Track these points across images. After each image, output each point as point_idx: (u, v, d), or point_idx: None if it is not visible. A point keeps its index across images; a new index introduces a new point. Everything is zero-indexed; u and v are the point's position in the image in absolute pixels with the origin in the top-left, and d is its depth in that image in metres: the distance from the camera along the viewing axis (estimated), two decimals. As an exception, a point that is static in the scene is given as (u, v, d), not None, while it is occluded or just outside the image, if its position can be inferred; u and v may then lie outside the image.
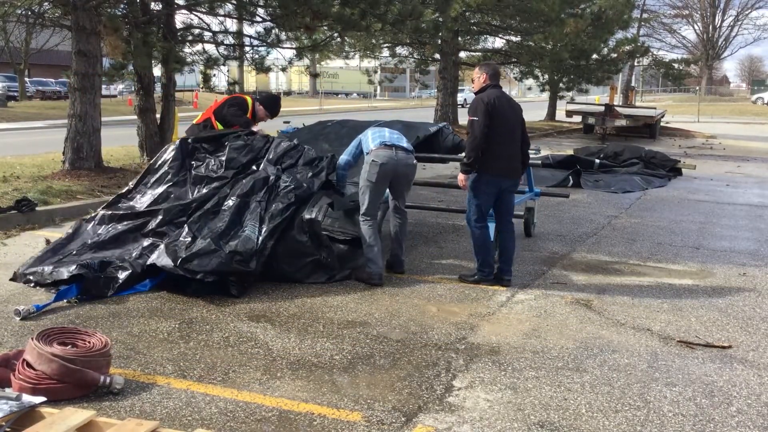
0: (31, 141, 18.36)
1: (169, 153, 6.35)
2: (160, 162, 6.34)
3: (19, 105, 34.50)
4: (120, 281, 5.33)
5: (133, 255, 5.58)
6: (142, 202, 6.08)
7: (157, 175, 6.24)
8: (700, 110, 35.72)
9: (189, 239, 5.45)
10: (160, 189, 6.12)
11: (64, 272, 5.30)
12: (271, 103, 7.28)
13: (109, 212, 6.00)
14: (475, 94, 5.96)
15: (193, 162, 6.30)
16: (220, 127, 6.82)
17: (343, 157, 6.35)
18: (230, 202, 5.81)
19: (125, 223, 5.89)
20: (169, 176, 6.20)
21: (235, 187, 5.97)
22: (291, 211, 5.82)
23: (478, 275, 6.06)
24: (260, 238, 5.57)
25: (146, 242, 5.71)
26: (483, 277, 6.04)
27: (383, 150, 5.92)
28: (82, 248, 5.70)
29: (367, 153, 6.02)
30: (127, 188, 6.33)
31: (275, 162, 6.23)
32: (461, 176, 5.93)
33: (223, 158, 6.24)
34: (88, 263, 5.36)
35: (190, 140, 6.42)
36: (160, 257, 5.36)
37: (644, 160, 14.77)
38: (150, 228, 5.81)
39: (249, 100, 7.12)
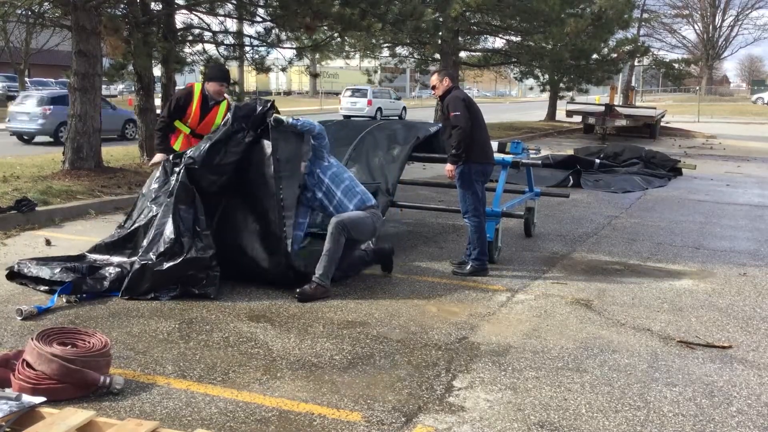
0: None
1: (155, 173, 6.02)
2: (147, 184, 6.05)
3: (19, 105, 34.46)
4: (108, 282, 5.32)
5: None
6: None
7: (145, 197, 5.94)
8: (700, 110, 35.73)
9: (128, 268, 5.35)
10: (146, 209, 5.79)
11: (47, 272, 5.31)
12: (211, 72, 6.80)
13: (105, 243, 5.79)
14: (440, 97, 6.37)
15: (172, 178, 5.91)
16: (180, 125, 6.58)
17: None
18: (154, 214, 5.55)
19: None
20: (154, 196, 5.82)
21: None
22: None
23: (474, 264, 6.21)
24: (175, 230, 5.32)
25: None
26: (479, 266, 6.22)
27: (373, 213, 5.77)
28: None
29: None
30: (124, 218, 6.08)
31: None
32: (450, 167, 6.23)
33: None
34: (76, 267, 5.36)
35: (170, 158, 6.01)
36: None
37: (644, 160, 14.78)
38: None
39: (196, 85, 6.64)
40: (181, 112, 6.55)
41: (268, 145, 5.61)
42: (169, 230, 5.36)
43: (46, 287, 5.29)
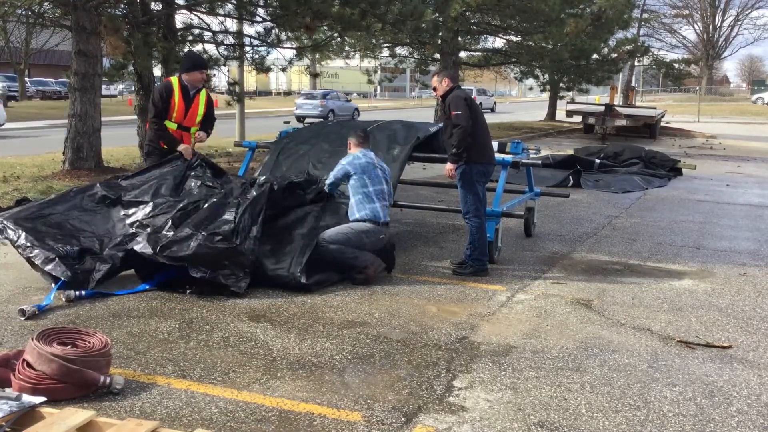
0: (31, 141, 18.38)
1: (176, 161, 6.44)
2: (166, 163, 6.41)
3: (19, 105, 34.54)
4: (99, 276, 5.35)
5: (114, 242, 5.63)
6: (134, 192, 6.10)
7: (158, 173, 6.28)
8: (700, 110, 35.73)
9: (171, 232, 5.49)
10: (155, 185, 6.16)
11: (41, 256, 5.30)
12: (184, 62, 6.80)
13: (103, 192, 6.04)
14: (442, 97, 6.40)
15: (191, 172, 6.35)
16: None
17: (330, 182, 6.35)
18: (213, 200, 5.85)
19: (116, 207, 5.96)
20: (168, 178, 6.22)
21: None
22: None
23: (475, 265, 6.22)
24: (237, 217, 5.55)
25: (130, 230, 5.75)
26: (480, 267, 6.23)
27: (373, 226, 6.01)
28: (67, 210, 5.77)
29: (363, 219, 6.04)
30: (128, 173, 6.43)
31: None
32: (450, 166, 6.21)
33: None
34: (67, 252, 5.37)
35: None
36: (141, 245, 5.44)
37: (644, 160, 14.78)
38: (136, 219, 5.84)
39: (173, 79, 6.68)
40: (165, 109, 6.54)
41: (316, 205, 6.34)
42: (230, 216, 5.55)
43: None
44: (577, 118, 25.37)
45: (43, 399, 3.33)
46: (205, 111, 6.73)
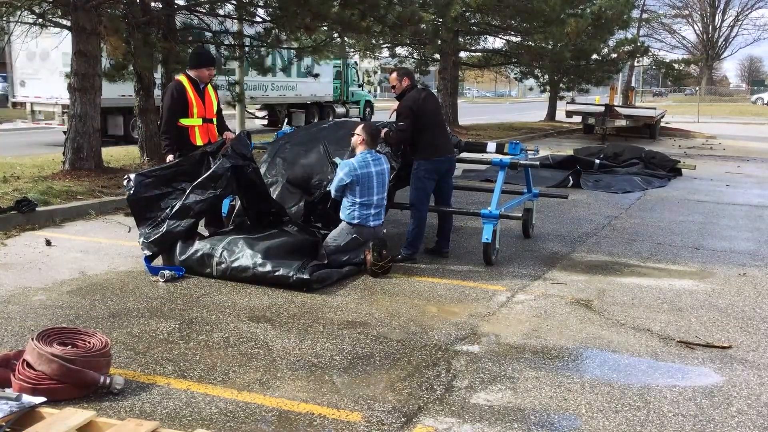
0: (31, 141, 18.37)
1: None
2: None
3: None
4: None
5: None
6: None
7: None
8: (700, 110, 35.72)
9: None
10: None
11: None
12: (192, 59, 6.77)
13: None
14: (397, 97, 6.74)
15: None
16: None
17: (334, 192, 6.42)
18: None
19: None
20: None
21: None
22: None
23: (405, 254, 6.61)
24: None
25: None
26: (409, 255, 6.61)
27: (366, 229, 6.23)
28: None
29: (351, 222, 6.23)
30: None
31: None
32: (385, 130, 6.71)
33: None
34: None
35: (207, 150, 6.55)
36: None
37: (644, 160, 14.77)
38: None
39: (182, 78, 6.63)
40: (183, 107, 6.54)
41: None
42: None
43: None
44: (577, 119, 25.34)
45: (43, 399, 3.34)
46: (217, 102, 6.83)
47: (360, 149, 6.34)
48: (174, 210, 5.98)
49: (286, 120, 14.19)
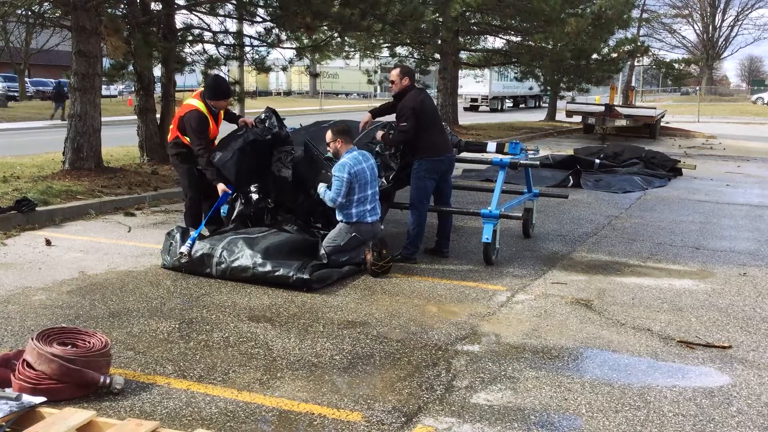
0: (31, 141, 18.37)
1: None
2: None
3: (19, 105, 34.55)
4: None
5: None
6: None
7: None
8: (700, 110, 35.71)
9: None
10: None
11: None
12: (212, 89, 6.72)
13: None
14: (395, 96, 6.73)
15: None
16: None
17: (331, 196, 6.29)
18: None
19: None
20: None
21: None
22: None
23: (405, 253, 6.62)
24: None
25: None
26: (408, 255, 6.62)
27: (364, 226, 6.21)
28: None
29: (349, 221, 6.21)
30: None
31: None
32: (380, 132, 6.76)
33: None
34: None
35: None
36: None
37: (644, 160, 14.76)
38: None
39: (200, 105, 6.58)
40: (207, 137, 6.63)
41: None
42: None
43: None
44: (577, 118, 25.34)
45: (43, 399, 3.33)
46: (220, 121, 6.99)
47: (343, 150, 6.29)
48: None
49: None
